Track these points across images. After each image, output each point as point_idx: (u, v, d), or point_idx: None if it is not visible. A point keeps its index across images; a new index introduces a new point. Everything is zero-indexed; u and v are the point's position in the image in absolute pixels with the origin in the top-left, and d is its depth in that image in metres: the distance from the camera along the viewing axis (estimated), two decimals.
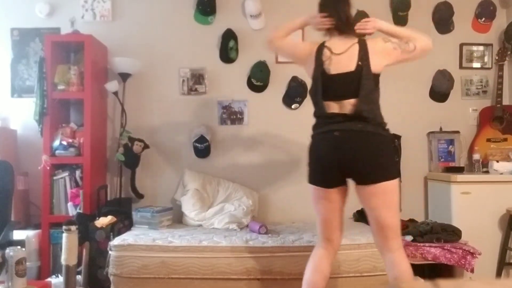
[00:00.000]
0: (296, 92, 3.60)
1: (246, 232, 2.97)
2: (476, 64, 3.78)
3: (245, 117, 3.65)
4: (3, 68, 3.61)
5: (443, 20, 3.71)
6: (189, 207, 3.32)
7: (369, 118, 2.00)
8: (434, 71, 3.68)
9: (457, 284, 0.81)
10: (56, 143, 3.20)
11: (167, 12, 3.67)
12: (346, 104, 2.03)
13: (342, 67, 2.05)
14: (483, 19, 3.73)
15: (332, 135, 2.03)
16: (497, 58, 3.71)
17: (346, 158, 2.00)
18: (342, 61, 2.06)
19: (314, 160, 2.11)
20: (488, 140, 3.62)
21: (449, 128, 3.69)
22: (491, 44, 3.78)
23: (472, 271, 2.81)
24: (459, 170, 3.52)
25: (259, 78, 3.60)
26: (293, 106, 3.65)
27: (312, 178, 2.13)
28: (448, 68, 3.69)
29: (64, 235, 2.45)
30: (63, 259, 2.45)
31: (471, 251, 2.83)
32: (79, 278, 2.74)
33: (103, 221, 2.89)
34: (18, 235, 2.98)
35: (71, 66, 3.29)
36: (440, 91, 3.70)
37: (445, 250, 2.84)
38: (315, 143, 2.12)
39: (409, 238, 2.93)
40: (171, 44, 3.65)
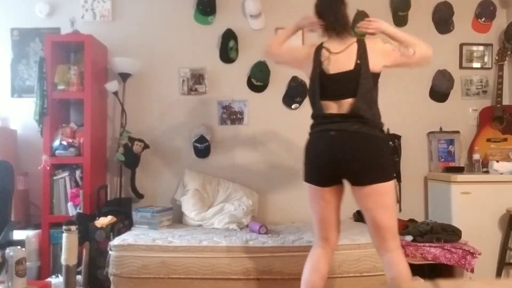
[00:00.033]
0: (296, 92, 3.60)
1: (246, 232, 2.97)
2: (476, 64, 3.78)
3: (245, 117, 3.65)
4: (3, 68, 3.61)
5: (443, 20, 3.71)
6: (189, 207, 3.32)
7: (366, 119, 2.00)
8: (434, 71, 3.68)
9: (457, 284, 0.81)
10: (56, 143, 3.20)
11: (167, 12, 3.67)
12: (345, 103, 2.03)
13: (341, 66, 2.05)
14: (483, 19, 3.73)
15: (328, 134, 2.03)
16: (497, 58, 3.71)
17: (341, 158, 2.00)
18: (340, 60, 2.05)
19: (309, 159, 2.12)
20: (488, 140, 3.62)
21: (449, 128, 3.69)
22: (491, 44, 3.78)
23: (472, 271, 2.81)
24: (459, 170, 3.52)
25: (259, 78, 3.60)
26: (293, 106, 3.65)
27: (307, 177, 2.14)
28: (448, 68, 3.69)
29: (64, 235, 2.45)
30: (63, 259, 2.45)
31: (471, 251, 2.83)
32: (79, 278, 2.74)
33: (103, 221, 2.89)
34: (18, 235, 2.98)
35: (71, 66, 3.29)
36: (440, 91, 3.70)
37: (445, 250, 2.84)
38: (311, 141, 2.12)
39: (409, 238, 2.93)
40: (171, 44, 3.66)
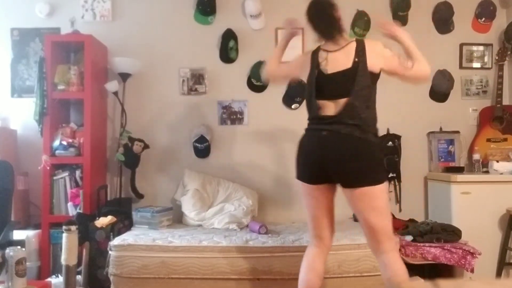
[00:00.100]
0: (296, 92, 3.60)
1: (246, 232, 2.97)
2: (476, 64, 3.78)
3: (245, 117, 3.65)
4: (3, 68, 3.61)
5: (443, 20, 3.71)
6: (189, 207, 3.32)
7: (360, 119, 1.98)
8: (434, 71, 3.66)
9: (457, 284, 0.81)
10: (56, 143, 3.20)
11: (167, 12, 3.67)
12: (341, 102, 2.02)
13: (339, 65, 2.04)
14: (483, 19, 3.73)
15: (321, 134, 2.04)
16: (497, 58, 3.70)
17: (330, 159, 2.00)
18: (339, 59, 2.05)
19: (300, 156, 2.14)
20: (488, 140, 3.62)
21: (449, 128, 3.69)
22: (491, 44, 3.78)
23: (472, 271, 2.81)
24: (459, 170, 3.52)
25: (259, 78, 3.60)
26: (293, 106, 3.65)
27: (298, 174, 2.16)
28: (448, 68, 3.69)
29: (64, 235, 2.45)
30: (63, 259, 2.45)
31: (471, 251, 2.83)
32: (79, 278, 2.74)
33: (103, 221, 2.89)
34: (18, 235, 2.98)
35: (71, 66, 3.29)
36: (440, 91, 3.70)
37: (445, 250, 2.84)
38: (304, 139, 2.14)
39: (409, 238, 2.93)
40: (171, 44, 3.65)
